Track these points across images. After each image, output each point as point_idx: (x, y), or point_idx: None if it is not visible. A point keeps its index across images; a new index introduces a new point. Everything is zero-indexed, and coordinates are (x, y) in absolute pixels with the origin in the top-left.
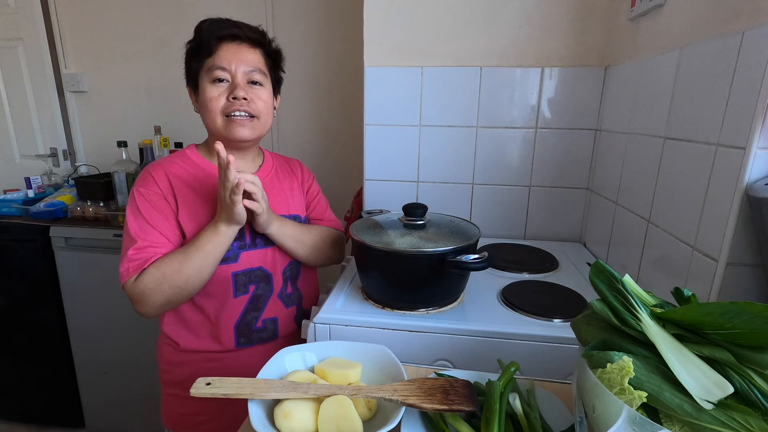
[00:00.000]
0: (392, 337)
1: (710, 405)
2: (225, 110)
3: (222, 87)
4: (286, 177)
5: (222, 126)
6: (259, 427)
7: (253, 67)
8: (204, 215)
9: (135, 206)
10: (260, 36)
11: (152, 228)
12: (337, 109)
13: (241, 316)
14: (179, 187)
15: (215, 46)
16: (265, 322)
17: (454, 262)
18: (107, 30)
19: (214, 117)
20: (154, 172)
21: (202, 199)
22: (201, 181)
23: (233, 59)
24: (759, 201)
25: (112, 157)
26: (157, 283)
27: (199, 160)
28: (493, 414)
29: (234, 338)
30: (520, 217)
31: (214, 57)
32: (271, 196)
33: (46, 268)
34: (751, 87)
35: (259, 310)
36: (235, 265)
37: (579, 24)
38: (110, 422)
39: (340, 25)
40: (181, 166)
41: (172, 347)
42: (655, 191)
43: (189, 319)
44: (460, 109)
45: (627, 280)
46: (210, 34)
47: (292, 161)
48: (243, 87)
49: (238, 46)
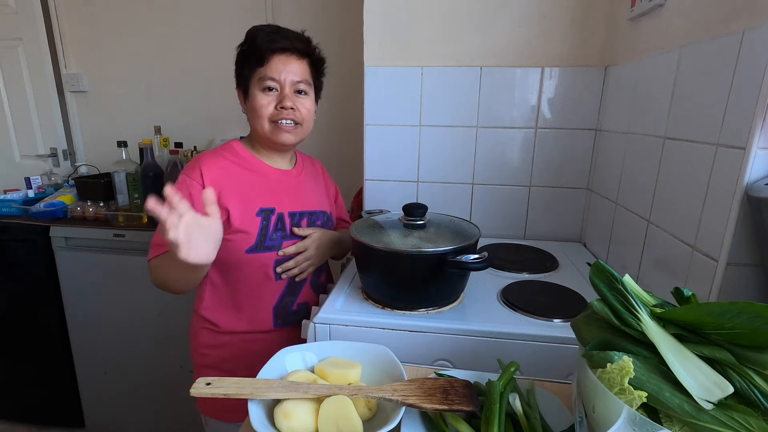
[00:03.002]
0: (392, 337)
1: (710, 405)
2: (273, 117)
3: (271, 96)
4: (313, 176)
5: (269, 131)
6: (259, 427)
7: (301, 78)
8: (251, 201)
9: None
10: (307, 46)
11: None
12: (337, 109)
13: (279, 300)
14: (228, 178)
15: (268, 57)
16: (300, 305)
17: (454, 262)
18: (107, 30)
19: (263, 122)
20: (204, 165)
21: (250, 187)
22: (246, 173)
23: (283, 70)
24: (759, 201)
25: (112, 157)
26: (155, 271)
27: (245, 153)
28: (493, 414)
29: (272, 319)
30: (520, 217)
31: (266, 67)
32: (305, 194)
33: (46, 268)
34: (751, 87)
35: (295, 295)
36: (277, 252)
37: (579, 24)
38: (110, 422)
39: (340, 25)
40: (230, 159)
41: (210, 330)
42: (655, 191)
43: (229, 300)
44: (460, 109)
45: (627, 280)
46: (264, 45)
47: (314, 162)
48: (290, 97)
49: (288, 57)
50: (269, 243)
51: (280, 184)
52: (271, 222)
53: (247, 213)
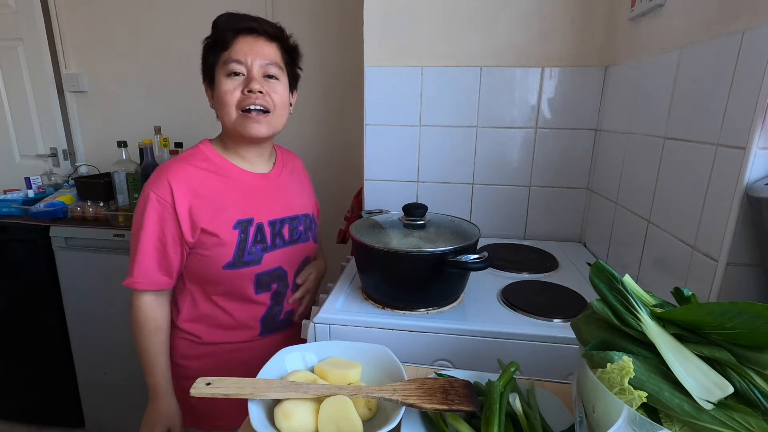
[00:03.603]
0: (392, 337)
1: (710, 405)
2: (240, 104)
3: (237, 80)
4: (295, 174)
5: (237, 121)
6: (259, 427)
7: (270, 61)
8: (226, 213)
9: (148, 214)
10: (277, 31)
11: (156, 257)
12: (337, 109)
13: (267, 311)
14: (200, 189)
15: (231, 39)
16: (287, 313)
17: (454, 262)
18: (107, 30)
19: (229, 110)
20: (173, 177)
21: (225, 198)
22: (219, 181)
23: (249, 52)
24: (759, 201)
25: (112, 157)
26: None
27: (216, 157)
28: (493, 414)
29: (260, 329)
30: (520, 217)
31: (230, 50)
32: (286, 197)
33: (46, 268)
34: (751, 87)
35: (280, 304)
36: (258, 267)
37: (579, 24)
38: (110, 422)
39: (340, 25)
40: (201, 167)
41: (189, 341)
42: (655, 191)
43: (211, 315)
44: (460, 109)
45: (627, 280)
46: (226, 27)
47: (294, 157)
48: (259, 80)
49: (254, 39)
50: (248, 258)
51: (258, 191)
52: (249, 234)
53: (223, 227)
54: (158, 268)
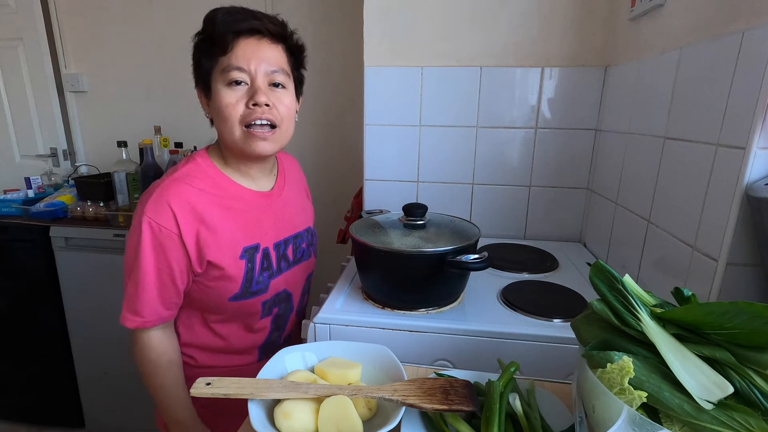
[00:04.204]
0: (392, 337)
1: (710, 405)
2: (244, 119)
3: (240, 91)
4: (295, 184)
5: (240, 139)
6: (259, 427)
7: (276, 67)
8: (232, 242)
9: (148, 246)
10: (282, 29)
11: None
12: (337, 109)
13: (266, 339)
14: (204, 215)
15: (232, 41)
16: (285, 338)
17: (454, 262)
18: (107, 30)
19: (232, 127)
20: (174, 203)
21: (230, 224)
22: (222, 204)
23: (253, 58)
24: (759, 201)
25: (112, 157)
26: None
27: (217, 175)
28: (493, 414)
29: (258, 355)
30: (520, 217)
31: (230, 55)
32: (290, 214)
33: (46, 268)
34: (751, 87)
35: (281, 329)
36: (264, 295)
37: (579, 24)
38: (110, 422)
39: (340, 24)
40: (202, 188)
41: (184, 363)
42: (655, 191)
43: (209, 343)
44: (460, 109)
45: (627, 280)
46: (225, 27)
47: (292, 162)
48: (264, 91)
49: (258, 41)
50: (255, 287)
51: (263, 212)
52: (256, 263)
53: (230, 259)
54: (162, 302)
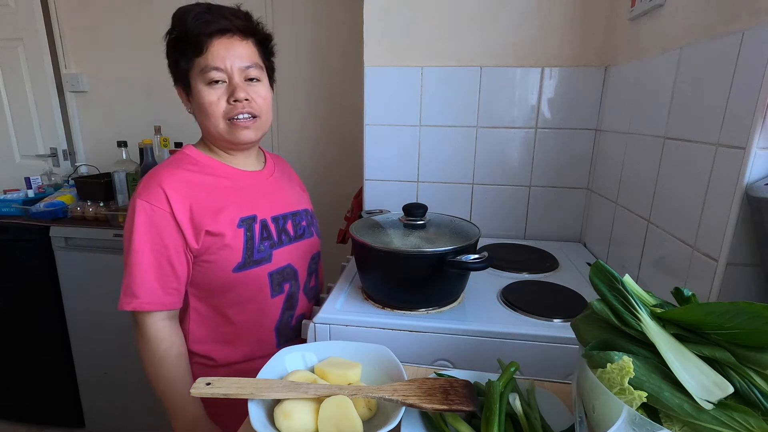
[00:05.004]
0: (392, 337)
1: (710, 405)
2: (227, 114)
3: (219, 89)
4: (286, 174)
5: (225, 130)
6: (259, 427)
7: (249, 62)
8: (227, 212)
9: (141, 226)
10: (248, 22)
11: (157, 273)
12: (337, 109)
13: (280, 318)
14: (195, 192)
15: (206, 43)
16: (298, 318)
17: (454, 262)
18: (107, 30)
19: (216, 122)
20: (166, 184)
21: (223, 196)
22: (213, 181)
23: (227, 56)
24: (759, 201)
25: (112, 157)
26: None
27: (206, 159)
28: (493, 414)
29: (275, 340)
30: (520, 217)
31: (206, 56)
32: (283, 194)
33: (46, 268)
34: (751, 87)
35: (293, 308)
36: (269, 265)
37: (579, 24)
38: (110, 422)
39: (340, 24)
40: (191, 170)
41: (203, 365)
42: (655, 191)
43: (225, 332)
44: (460, 109)
45: (627, 280)
46: (198, 30)
47: (280, 159)
48: (242, 87)
49: (229, 39)
50: (258, 256)
51: (255, 188)
52: (255, 232)
53: (228, 226)
54: (160, 286)
